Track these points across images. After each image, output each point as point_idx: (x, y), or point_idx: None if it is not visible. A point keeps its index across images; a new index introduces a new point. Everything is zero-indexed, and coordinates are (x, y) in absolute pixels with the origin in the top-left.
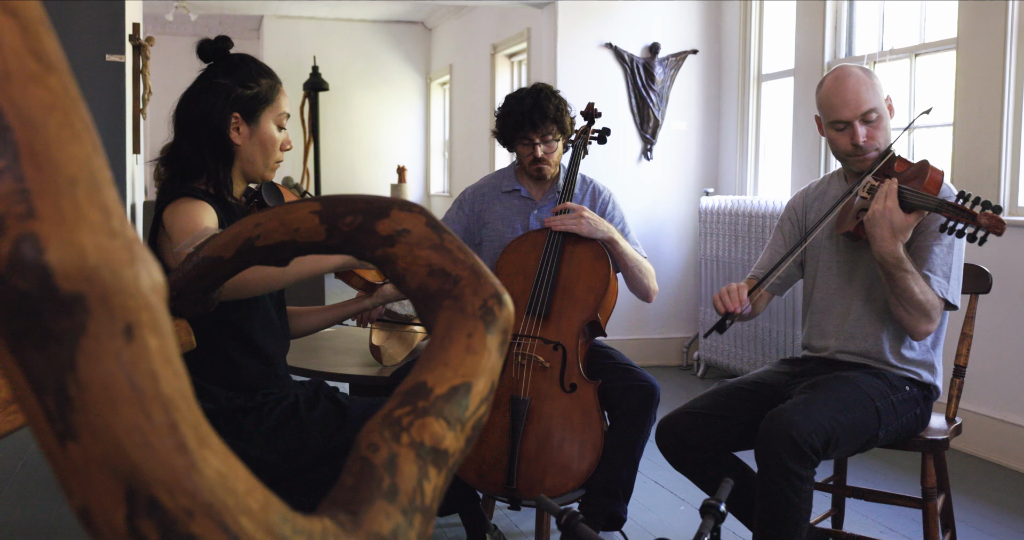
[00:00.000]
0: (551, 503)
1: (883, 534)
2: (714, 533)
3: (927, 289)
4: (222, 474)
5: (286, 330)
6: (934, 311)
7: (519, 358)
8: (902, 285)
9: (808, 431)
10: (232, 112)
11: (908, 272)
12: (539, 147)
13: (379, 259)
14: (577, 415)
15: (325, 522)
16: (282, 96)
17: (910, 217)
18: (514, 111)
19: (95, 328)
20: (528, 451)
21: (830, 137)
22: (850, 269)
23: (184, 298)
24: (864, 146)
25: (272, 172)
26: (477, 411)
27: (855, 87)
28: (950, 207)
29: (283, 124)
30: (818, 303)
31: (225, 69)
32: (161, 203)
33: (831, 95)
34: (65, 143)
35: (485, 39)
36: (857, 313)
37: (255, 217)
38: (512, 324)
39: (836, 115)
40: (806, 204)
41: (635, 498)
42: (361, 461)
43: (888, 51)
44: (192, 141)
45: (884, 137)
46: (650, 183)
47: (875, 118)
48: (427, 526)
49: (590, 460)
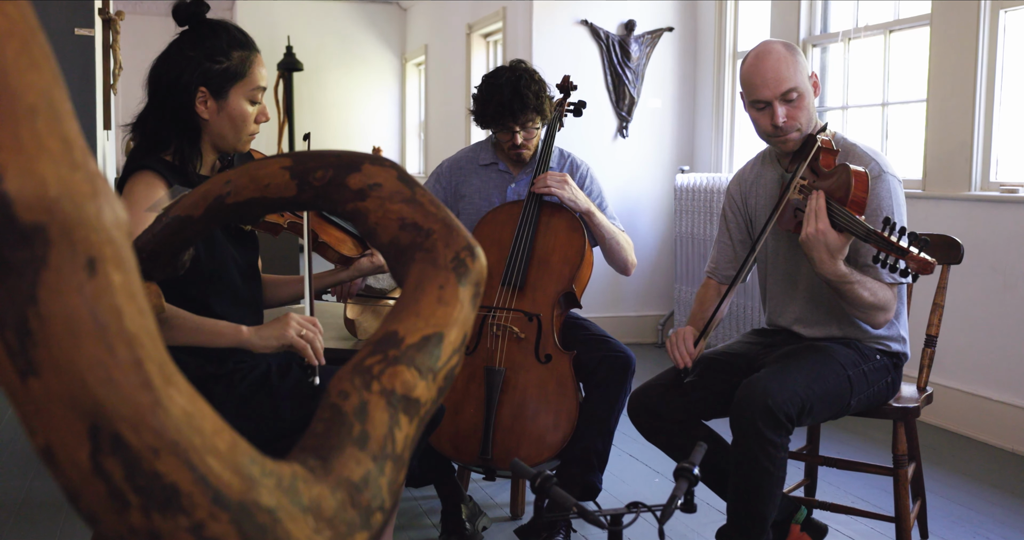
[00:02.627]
0: (525, 467)
1: (855, 503)
2: (688, 495)
3: (876, 288)
4: (188, 413)
5: (258, 300)
6: (888, 303)
7: (494, 329)
8: (851, 296)
9: (783, 399)
10: (199, 86)
11: (854, 283)
12: (519, 135)
13: (350, 213)
14: (552, 385)
15: (295, 467)
16: (256, 68)
17: (843, 236)
18: (493, 100)
19: (56, 261)
20: (503, 421)
21: (752, 116)
22: (796, 258)
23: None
24: (784, 127)
25: (246, 144)
26: (449, 361)
27: (775, 65)
28: (879, 239)
29: (257, 98)
30: (772, 289)
31: (195, 39)
32: (125, 172)
33: (751, 73)
34: (24, 71)
35: (460, 19)
36: (815, 301)
37: (225, 174)
38: (485, 277)
39: (756, 94)
40: (743, 191)
41: (610, 470)
42: (331, 408)
43: (863, 27)
44: (158, 112)
45: (806, 117)
46: (626, 161)
47: (795, 97)
48: (398, 474)
49: (565, 430)
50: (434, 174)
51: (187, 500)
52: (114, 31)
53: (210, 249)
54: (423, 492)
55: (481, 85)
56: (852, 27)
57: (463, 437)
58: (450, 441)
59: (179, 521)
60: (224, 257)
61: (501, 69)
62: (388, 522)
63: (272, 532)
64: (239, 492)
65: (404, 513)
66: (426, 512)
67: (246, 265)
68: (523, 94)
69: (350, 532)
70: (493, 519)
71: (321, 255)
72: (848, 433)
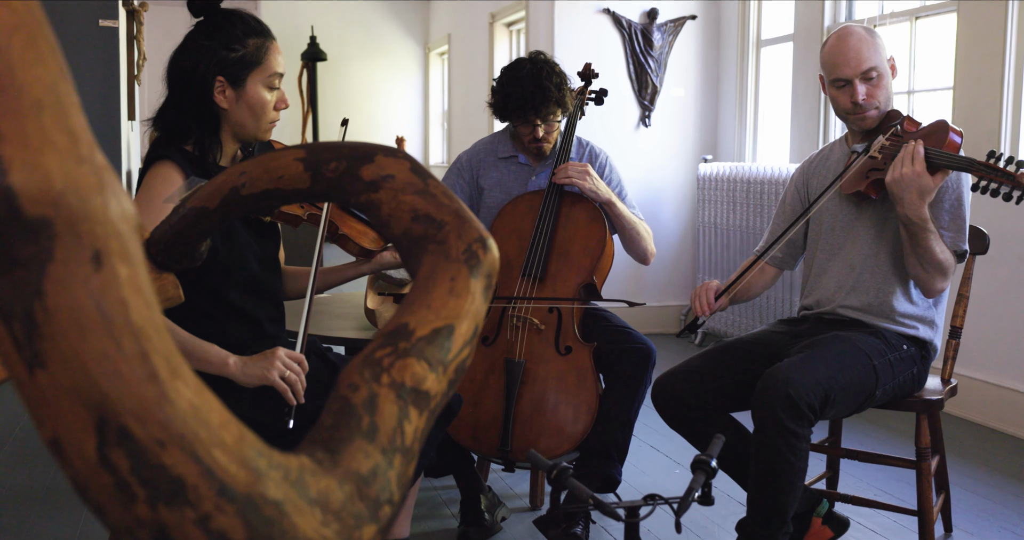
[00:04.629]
0: (541, 458)
1: (877, 496)
2: (705, 488)
3: (945, 248)
4: (195, 406)
5: (277, 291)
6: (950, 269)
7: (514, 320)
8: (924, 245)
9: (806, 389)
10: (216, 75)
11: (931, 232)
12: (540, 128)
13: (363, 205)
14: (572, 377)
15: (303, 459)
16: (272, 54)
17: (936, 178)
18: (515, 94)
19: (62, 254)
20: (523, 413)
21: (831, 95)
22: (851, 227)
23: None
24: (863, 104)
25: (267, 133)
26: (460, 354)
27: (856, 45)
28: (982, 167)
29: (275, 84)
30: (820, 264)
31: (210, 29)
32: (147, 162)
33: (833, 53)
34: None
35: (483, 8)
36: (860, 268)
37: (241, 165)
38: (497, 269)
39: (837, 73)
40: (807, 173)
41: (630, 461)
42: (341, 400)
43: (888, 14)
44: (178, 103)
45: (885, 96)
46: (648, 150)
47: (875, 76)
48: (407, 467)
49: (584, 422)
50: (454, 168)
51: (193, 492)
52: (138, 22)
53: (227, 240)
54: (443, 482)
55: (501, 77)
56: (877, 14)
57: (483, 429)
58: (470, 432)
59: (185, 513)
60: (242, 248)
61: (521, 61)
62: (403, 513)
63: (279, 524)
64: (245, 485)
65: (424, 503)
66: (446, 502)
67: (266, 256)
68: (545, 87)
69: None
70: (512, 509)
71: (342, 247)
72: (872, 424)
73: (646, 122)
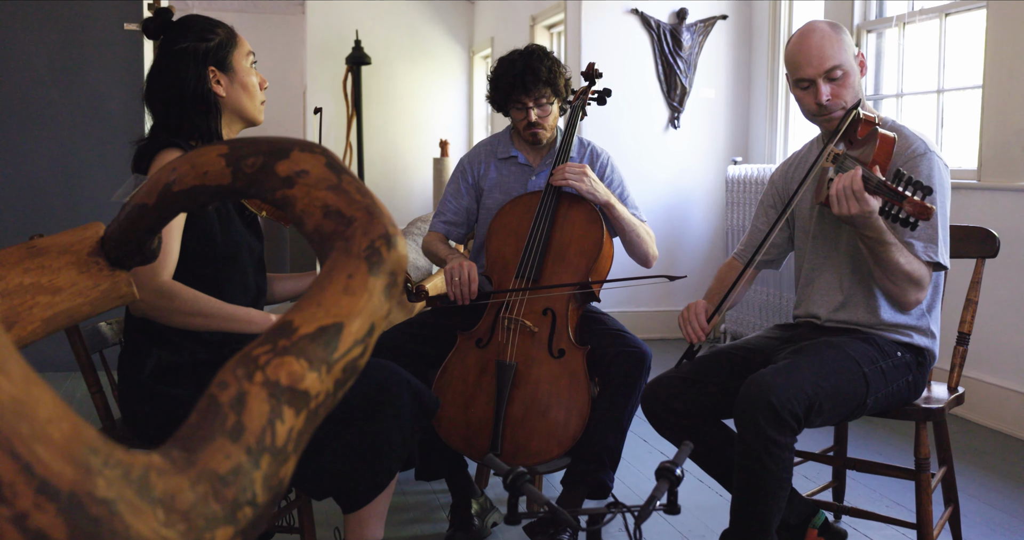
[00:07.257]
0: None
1: (887, 508)
2: (671, 496)
3: (912, 258)
4: (17, 400)
5: (263, 292)
6: (924, 278)
7: (506, 322)
8: (886, 258)
9: (788, 397)
10: (207, 67)
11: (891, 243)
12: (532, 111)
13: (279, 201)
14: (564, 380)
15: (153, 457)
16: (239, 36)
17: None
18: (505, 74)
19: None
20: (513, 417)
21: (796, 96)
22: (834, 236)
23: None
24: (828, 105)
25: (261, 112)
26: (349, 353)
27: (819, 43)
28: (881, 187)
29: (253, 62)
30: (808, 274)
31: (177, 36)
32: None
33: (795, 52)
34: None
35: (525, 10)
36: (848, 281)
37: (173, 161)
38: (403, 267)
39: (800, 73)
40: (786, 175)
41: (632, 465)
42: (208, 398)
43: (918, 11)
44: (178, 111)
45: (851, 95)
46: (677, 152)
47: (840, 75)
48: (279, 468)
49: (576, 426)
50: (457, 170)
51: (9, 490)
52: None
53: (226, 231)
54: (440, 486)
55: (495, 66)
56: (907, 11)
57: (474, 432)
58: (461, 435)
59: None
60: (239, 241)
61: (515, 50)
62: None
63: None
64: (70, 483)
65: (419, 506)
66: (442, 506)
67: (256, 257)
68: (535, 67)
69: (209, 526)
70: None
71: None
72: (881, 431)
73: (675, 124)
